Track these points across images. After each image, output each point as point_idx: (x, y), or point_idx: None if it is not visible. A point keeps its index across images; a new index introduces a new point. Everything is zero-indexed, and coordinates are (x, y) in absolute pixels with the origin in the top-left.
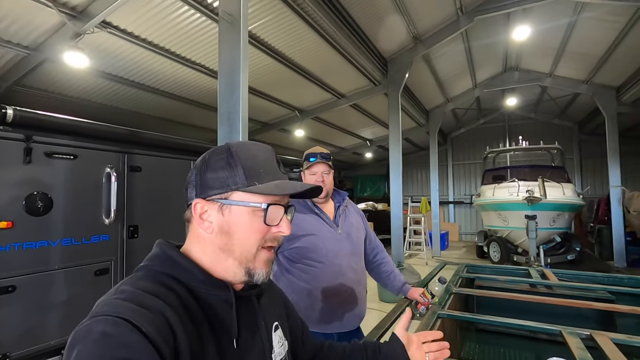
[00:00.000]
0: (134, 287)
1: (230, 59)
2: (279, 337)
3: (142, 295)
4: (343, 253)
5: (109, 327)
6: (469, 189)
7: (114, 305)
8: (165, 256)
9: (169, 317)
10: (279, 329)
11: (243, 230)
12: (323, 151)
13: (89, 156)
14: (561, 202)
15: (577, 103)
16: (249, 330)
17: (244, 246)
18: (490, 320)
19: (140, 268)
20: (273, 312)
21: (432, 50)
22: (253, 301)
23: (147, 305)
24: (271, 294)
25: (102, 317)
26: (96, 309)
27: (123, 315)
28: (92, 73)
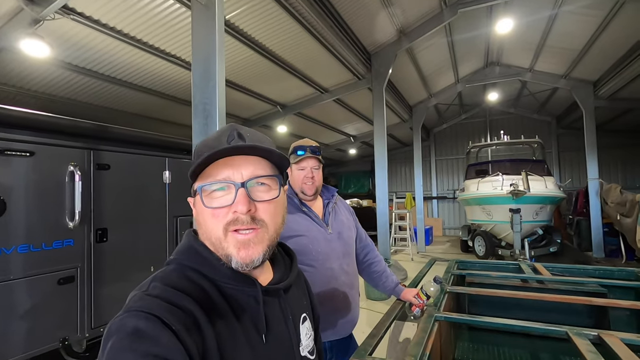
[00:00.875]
0: (164, 282)
1: (205, 46)
2: (306, 329)
3: (172, 292)
4: (334, 255)
5: (142, 322)
6: (452, 183)
7: (147, 301)
8: (193, 250)
9: (198, 316)
10: (307, 320)
11: (203, 219)
12: (312, 144)
13: (49, 153)
14: (544, 195)
15: (555, 97)
16: (277, 325)
17: (210, 234)
18: (489, 322)
19: (171, 261)
20: (301, 304)
21: (416, 44)
22: (280, 295)
23: (177, 303)
24: (299, 283)
25: (135, 312)
26: (130, 303)
27: (155, 312)
28: (57, 64)
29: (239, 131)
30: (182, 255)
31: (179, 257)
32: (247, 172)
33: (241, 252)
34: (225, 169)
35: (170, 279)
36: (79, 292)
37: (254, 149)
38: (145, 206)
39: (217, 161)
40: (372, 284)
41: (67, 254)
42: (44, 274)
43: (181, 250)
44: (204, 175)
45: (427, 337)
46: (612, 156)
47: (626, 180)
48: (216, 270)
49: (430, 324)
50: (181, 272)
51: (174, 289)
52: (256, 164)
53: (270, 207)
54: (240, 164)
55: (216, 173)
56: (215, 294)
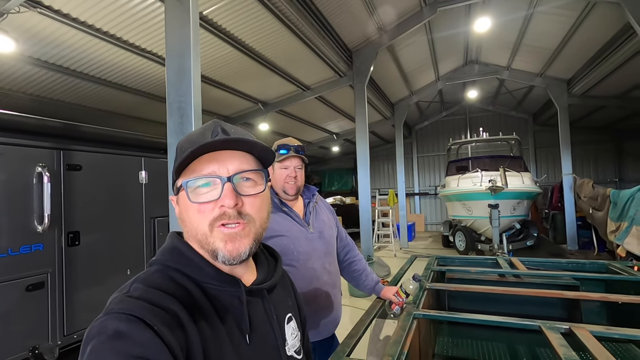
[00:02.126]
0: (146, 284)
1: (180, 42)
2: (292, 329)
3: (155, 293)
4: (316, 254)
5: (123, 324)
6: (434, 180)
7: (128, 302)
8: (177, 251)
9: (181, 316)
10: (293, 320)
11: (189, 215)
12: (296, 143)
13: (14, 154)
14: (521, 190)
15: (531, 95)
16: (261, 325)
17: (196, 230)
18: (467, 318)
19: (153, 262)
20: (286, 305)
21: (397, 42)
22: (264, 295)
23: (159, 303)
24: (284, 285)
25: (115, 314)
26: (110, 306)
27: (136, 314)
28: (23, 60)
29: (222, 127)
30: (165, 256)
31: (161, 257)
32: (232, 166)
33: (228, 245)
34: (210, 163)
35: (153, 280)
36: (50, 299)
37: (240, 143)
38: (120, 207)
39: (202, 156)
40: (352, 283)
41: (36, 259)
42: (10, 281)
43: (164, 251)
44: (188, 171)
45: (405, 336)
46: (585, 152)
47: (598, 175)
48: (200, 270)
49: (409, 322)
50: (164, 272)
51: (156, 289)
52: (241, 158)
53: (257, 201)
54: (226, 158)
55: (201, 168)
56: (199, 295)
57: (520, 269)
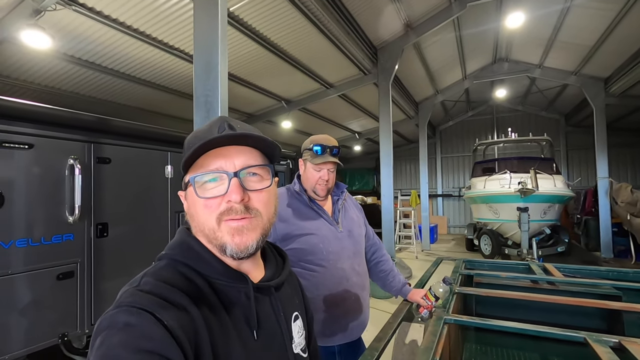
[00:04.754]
0: (156, 278)
1: (207, 36)
2: (298, 327)
3: (165, 287)
4: (346, 254)
5: (133, 318)
6: (458, 181)
7: (138, 296)
8: (186, 245)
9: (191, 311)
10: (299, 318)
11: (196, 210)
12: (333, 144)
13: (48, 146)
14: (553, 193)
15: (565, 95)
16: (268, 322)
17: (203, 225)
18: (503, 326)
19: (163, 256)
20: (292, 303)
21: (423, 39)
22: (272, 292)
23: (169, 298)
24: (291, 283)
25: (126, 307)
26: (120, 299)
27: (147, 308)
28: (59, 57)
29: (229, 122)
30: (174, 250)
31: (170, 252)
32: (239, 161)
33: (235, 238)
34: (217, 159)
35: (162, 274)
36: (79, 288)
37: (246, 138)
38: (146, 201)
39: (208, 152)
40: (378, 284)
41: (66, 248)
42: (43, 269)
43: (173, 246)
44: (195, 167)
45: (436, 342)
46: (622, 155)
47: (636, 180)
48: (208, 265)
49: (440, 327)
50: (173, 267)
51: (165, 283)
52: (248, 153)
53: (264, 196)
54: (232, 154)
55: (208, 164)
56: (207, 290)
57: (555, 276)
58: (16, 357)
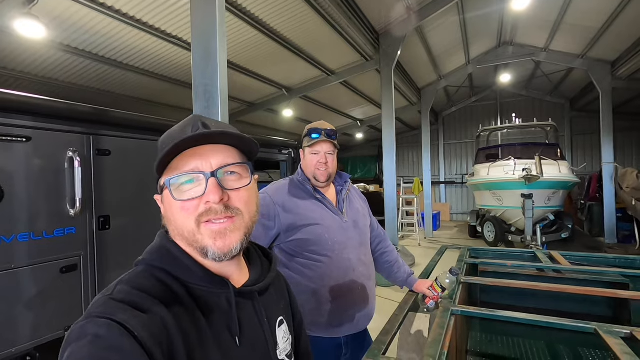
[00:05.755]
0: (130, 285)
1: (205, 23)
2: (283, 332)
3: (139, 295)
4: (352, 244)
5: (102, 329)
6: (460, 168)
7: (110, 306)
8: (165, 250)
9: (165, 320)
10: (284, 323)
11: (173, 214)
12: (328, 127)
13: (46, 138)
14: (557, 179)
15: (570, 79)
16: (251, 328)
17: (182, 228)
18: (511, 317)
19: (139, 262)
20: (278, 307)
21: (426, 23)
22: (255, 297)
23: (142, 306)
24: (278, 286)
25: (95, 318)
26: (92, 309)
27: (116, 318)
28: (54, 47)
29: (203, 121)
30: (152, 256)
31: (148, 257)
32: (216, 161)
33: (218, 242)
34: (192, 159)
35: (137, 281)
36: (83, 280)
37: (222, 136)
38: (148, 193)
39: (183, 152)
40: (384, 275)
41: (69, 242)
42: (46, 263)
43: (152, 250)
44: (170, 169)
45: (444, 334)
46: (628, 139)
47: None
48: (187, 271)
49: (447, 319)
50: (150, 273)
51: (140, 291)
52: (225, 152)
53: (244, 194)
54: (209, 153)
55: (183, 165)
56: (185, 297)
57: (562, 264)
58: (24, 350)
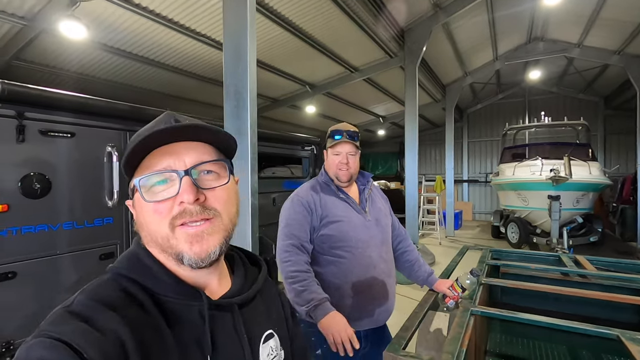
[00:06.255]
0: (91, 296)
1: (236, 25)
2: (269, 349)
3: (96, 309)
4: (374, 242)
5: (46, 352)
6: (485, 167)
7: (61, 322)
8: (135, 258)
9: (123, 337)
10: (274, 337)
11: (146, 218)
12: (350, 128)
13: (88, 134)
14: (587, 181)
15: (605, 76)
16: (227, 345)
17: (155, 233)
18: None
19: (109, 269)
20: (267, 319)
21: (453, 19)
22: (234, 310)
23: (97, 322)
24: (269, 295)
25: (42, 338)
26: (44, 324)
27: (64, 338)
28: (93, 46)
29: (176, 117)
30: (122, 264)
31: (118, 265)
32: (190, 158)
33: (194, 246)
34: (164, 158)
35: (100, 292)
36: None
37: (196, 130)
38: None
39: (154, 151)
40: (404, 274)
41: (107, 231)
42: (86, 250)
43: (123, 258)
44: (141, 168)
45: (463, 333)
46: None
47: None
48: (157, 280)
49: (467, 318)
50: (116, 282)
51: (99, 303)
52: (200, 149)
53: (222, 193)
54: (182, 150)
55: (154, 164)
56: (152, 310)
57: (587, 269)
58: None
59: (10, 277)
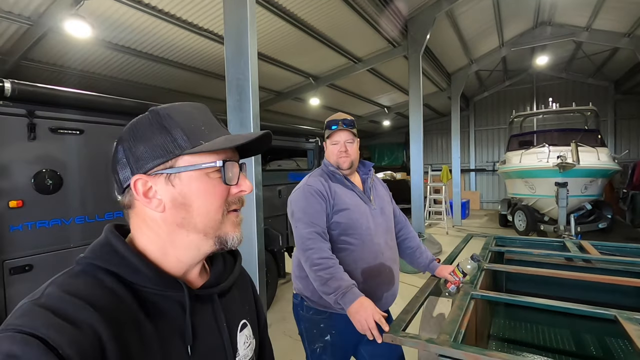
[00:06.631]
0: (64, 289)
1: (237, 19)
2: (245, 337)
3: (70, 302)
4: (380, 230)
5: (18, 347)
6: (492, 155)
7: (31, 316)
8: (109, 248)
9: (100, 331)
10: (247, 326)
11: (201, 198)
12: (346, 117)
13: (97, 131)
14: (595, 167)
15: (615, 59)
16: (208, 334)
17: (206, 215)
18: (530, 302)
19: (79, 261)
20: (241, 309)
21: (457, 6)
22: (214, 300)
23: (72, 316)
24: (243, 285)
25: (12, 333)
26: (10, 319)
27: (37, 332)
28: (98, 44)
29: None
30: (95, 254)
31: (90, 255)
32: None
33: (237, 230)
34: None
35: (72, 284)
36: None
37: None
38: None
39: None
40: (406, 260)
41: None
42: None
43: (95, 248)
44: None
45: (462, 315)
46: None
47: None
48: (135, 271)
49: (466, 301)
50: (90, 274)
51: (74, 296)
52: None
53: None
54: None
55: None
56: (130, 302)
57: (591, 254)
58: None
59: (27, 270)
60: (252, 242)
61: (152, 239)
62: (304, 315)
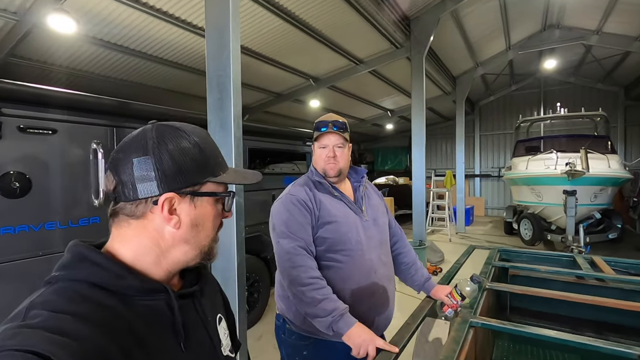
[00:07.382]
0: (50, 308)
1: (218, 11)
2: (223, 329)
3: (62, 318)
4: (372, 244)
5: None
6: (497, 161)
7: (25, 335)
8: (87, 261)
9: (98, 342)
10: (223, 319)
11: (210, 220)
12: (337, 119)
13: (71, 131)
14: (605, 175)
15: (626, 64)
16: (195, 330)
17: (207, 235)
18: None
19: (53, 279)
20: (216, 304)
21: (462, 6)
22: (197, 297)
23: (68, 331)
24: (212, 283)
25: (9, 352)
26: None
27: (38, 349)
28: (85, 40)
29: None
30: (71, 270)
31: (67, 272)
32: None
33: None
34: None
35: (57, 302)
36: None
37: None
38: None
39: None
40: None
41: (94, 231)
42: None
43: (68, 264)
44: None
45: (460, 347)
46: None
47: None
48: (119, 279)
49: (464, 332)
50: (71, 290)
51: (63, 313)
52: None
53: None
54: None
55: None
56: (122, 310)
57: (605, 272)
58: None
59: None
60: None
61: (150, 249)
62: (285, 340)
